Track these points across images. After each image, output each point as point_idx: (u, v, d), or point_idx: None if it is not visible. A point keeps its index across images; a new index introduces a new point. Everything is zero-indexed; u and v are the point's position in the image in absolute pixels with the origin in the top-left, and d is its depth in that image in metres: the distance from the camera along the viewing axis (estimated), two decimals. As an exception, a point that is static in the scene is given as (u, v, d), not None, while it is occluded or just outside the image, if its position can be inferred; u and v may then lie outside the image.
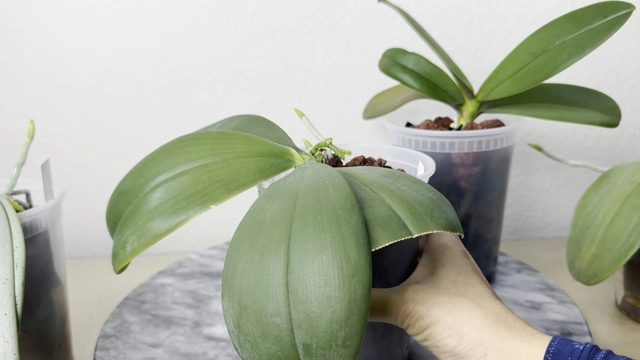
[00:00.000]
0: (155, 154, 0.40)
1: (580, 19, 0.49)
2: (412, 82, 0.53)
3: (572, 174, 0.76)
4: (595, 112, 0.51)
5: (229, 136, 0.40)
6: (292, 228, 0.31)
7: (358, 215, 0.31)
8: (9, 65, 0.68)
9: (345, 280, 0.28)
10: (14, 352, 0.32)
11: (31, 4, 0.67)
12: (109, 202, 0.41)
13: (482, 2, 0.70)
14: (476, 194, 0.52)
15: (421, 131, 0.51)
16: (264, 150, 0.39)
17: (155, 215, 0.36)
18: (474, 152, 0.51)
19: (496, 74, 0.53)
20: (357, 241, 0.29)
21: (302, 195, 0.33)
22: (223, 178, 0.37)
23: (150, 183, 0.38)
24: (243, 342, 0.30)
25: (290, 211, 0.32)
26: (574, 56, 0.47)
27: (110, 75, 0.69)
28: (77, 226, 0.74)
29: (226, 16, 0.69)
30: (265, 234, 0.31)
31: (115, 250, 0.37)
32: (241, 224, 0.34)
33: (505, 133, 0.52)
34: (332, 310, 0.28)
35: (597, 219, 0.48)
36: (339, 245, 0.29)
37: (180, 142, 0.40)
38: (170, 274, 0.61)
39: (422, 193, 0.34)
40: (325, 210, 0.31)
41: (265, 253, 0.30)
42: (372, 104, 0.65)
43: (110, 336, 0.49)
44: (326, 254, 0.29)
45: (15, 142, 0.70)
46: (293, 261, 0.29)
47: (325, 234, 0.29)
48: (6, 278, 0.34)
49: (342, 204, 0.31)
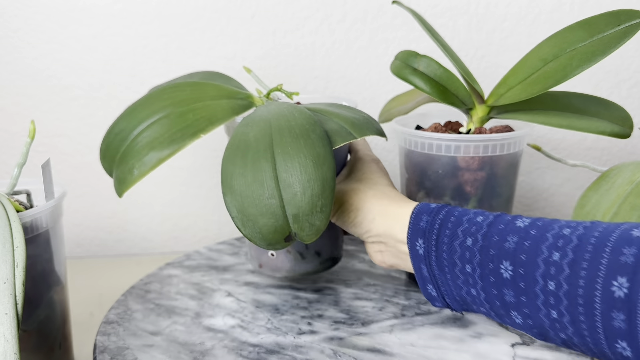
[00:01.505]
0: (143, 101, 0.48)
1: (593, 26, 0.48)
2: (422, 85, 0.52)
3: (571, 174, 0.76)
4: (606, 121, 0.50)
5: (202, 85, 0.50)
6: (272, 141, 0.42)
7: (320, 128, 0.44)
8: (9, 66, 0.68)
9: (318, 168, 0.41)
10: (14, 352, 0.32)
11: (31, 4, 0.67)
12: (104, 143, 0.47)
13: (482, 3, 0.70)
14: (481, 198, 0.52)
15: (426, 133, 0.51)
16: (231, 94, 0.51)
17: (155, 145, 0.44)
18: (479, 156, 0.50)
19: (506, 80, 0.53)
20: (323, 142, 0.43)
21: (274, 119, 0.45)
22: (205, 115, 0.46)
23: (143, 123, 0.46)
24: (246, 222, 0.41)
25: (268, 130, 0.43)
26: (584, 63, 0.46)
27: (111, 76, 0.70)
28: (77, 226, 0.74)
29: (226, 16, 0.69)
30: (252, 147, 0.42)
31: (121, 176, 0.44)
32: (229, 145, 0.43)
33: (511, 138, 0.51)
34: (311, 188, 0.41)
35: (596, 219, 0.48)
36: (310, 146, 0.42)
37: (163, 91, 0.48)
38: (177, 265, 0.63)
39: (358, 114, 0.48)
40: (295, 126, 0.43)
41: (255, 159, 0.41)
42: (387, 107, 0.65)
43: (113, 322, 0.50)
44: (303, 153, 0.41)
45: (16, 142, 0.71)
46: (278, 161, 0.41)
47: (299, 140, 0.42)
48: (7, 277, 0.34)
49: (307, 121, 0.44)
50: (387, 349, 0.45)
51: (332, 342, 0.46)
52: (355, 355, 0.44)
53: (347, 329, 0.48)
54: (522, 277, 0.36)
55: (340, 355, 0.44)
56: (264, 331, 0.48)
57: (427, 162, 0.52)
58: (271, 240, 0.42)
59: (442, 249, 0.41)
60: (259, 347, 0.46)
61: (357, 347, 0.45)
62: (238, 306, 0.53)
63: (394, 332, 0.47)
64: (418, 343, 0.45)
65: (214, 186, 0.74)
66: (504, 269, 0.37)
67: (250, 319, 0.50)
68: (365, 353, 0.44)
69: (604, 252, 0.33)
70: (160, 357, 0.45)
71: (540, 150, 0.58)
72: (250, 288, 0.57)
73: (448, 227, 0.41)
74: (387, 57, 0.71)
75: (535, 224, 0.37)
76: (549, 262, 0.35)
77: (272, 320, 0.50)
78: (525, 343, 0.45)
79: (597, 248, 0.33)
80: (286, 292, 0.56)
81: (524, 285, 0.36)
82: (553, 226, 0.36)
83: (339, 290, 0.56)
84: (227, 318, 0.51)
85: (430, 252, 0.42)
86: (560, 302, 0.34)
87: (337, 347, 0.45)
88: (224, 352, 0.45)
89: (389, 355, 0.44)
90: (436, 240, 0.41)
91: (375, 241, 0.46)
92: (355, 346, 0.45)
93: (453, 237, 0.40)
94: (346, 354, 0.44)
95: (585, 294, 0.33)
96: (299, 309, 0.52)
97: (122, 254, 0.75)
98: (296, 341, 0.46)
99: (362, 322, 0.49)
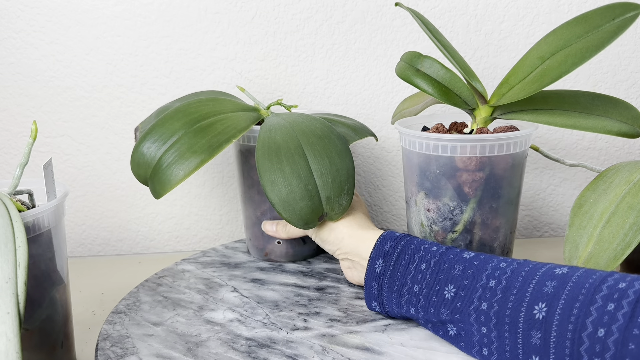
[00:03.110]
0: (172, 114, 0.54)
1: (590, 20, 0.48)
2: (425, 86, 0.52)
3: (569, 174, 0.76)
4: (614, 120, 0.49)
5: (220, 100, 0.58)
6: (300, 141, 0.52)
7: (335, 130, 0.55)
8: (12, 67, 0.69)
9: (342, 160, 0.52)
10: (16, 351, 0.32)
11: (33, 5, 0.67)
12: (137, 154, 0.52)
13: (480, 4, 0.70)
14: (480, 200, 0.51)
15: (424, 134, 0.51)
16: (244, 107, 0.59)
17: (197, 149, 0.51)
18: (477, 156, 0.50)
19: (508, 79, 0.52)
20: (341, 141, 0.54)
21: (293, 125, 0.54)
22: (232, 123, 0.54)
23: (178, 132, 0.52)
24: (286, 207, 0.50)
25: (292, 134, 0.53)
26: (579, 60, 0.46)
27: (113, 77, 0.70)
28: (79, 225, 0.74)
29: (227, 18, 0.70)
30: (284, 147, 0.51)
31: (163, 178, 0.50)
32: (260, 147, 0.52)
33: (511, 138, 0.50)
34: (339, 176, 0.52)
35: (594, 218, 0.48)
36: (333, 144, 0.53)
37: (189, 105, 0.55)
38: (192, 261, 0.65)
39: (354, 121, 0.63)
40: (315, 129, 0.54)
41: (288, 156, 0.51)
42: (399, 109, 0.65)
43: (121, 312, 0.52)
44: (329, 149, 0.52)
45: (18, 142, 0.71)
46: (309, 156, 0.51)
47: (323, 140, 0.53)
48: (9, 277, 0.34)
49: (323, 125, 0.55)
50: (376, 348, 0.45)
51: (324, 339, 0.47)
52: (343, 352, 0.45)
53: (340, 326, 0.49)
54: (461, 299, 0.43)
55: (328, 352, 0.45)
56: (260, 326, 0.49)
57: (426, 162, 0.52)
58: (308, 219, 0.51)
59: (399, 269, 0.47)
60: (251, 341, 0.46)
61: (347, 345, 0.46)
62: (240, 301, 0.54)
63: (387, 332, 0.48)
64: (409, 343, 0.46)
65: (216, 186, 0.75)
66: (447, 290, 0.44)
67: (249, 314, 0.51)
68: (353, 351, 0.45)
69: (531, 283, 0.40)
70: (157, 346, 0.46)
71: (538, 151, 0.58)
72: (255, 285, 0.58)
73: (407, 252, 0.48)
74: (386, 58, 0.72)
75: (478, 256, 0.44)
76: (486, 287, 0.42)
77: (269, 315, 0.51)
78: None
79: (525, 279, 0.40)
80: (289, 289, 0.56)
81: (460, 305, 0.42)
82: (492, 260, 0.44)
83: (341, 290, 0.56)
84: (228, 312, 0.52)
85: (386, 271, 0.48)
86: (490, 320, 0.40)
87: (327, 343, 0.46)
88: (217, 344, 0.46)
89: (377, 353, 0.44)
90: (395, 261, 0.48)
91: (344, 258, 0.54)
92: (345, 344, 0.46)
93: (410, 261, 0.47)
94: (334, 351, 0.45)
95: (512, 314, 0.39)
96: (298, 306, 0.53)
97: (123, 253, 0.75)
98: (288, 336, 0.47)
99: (357, 320, 0.50)
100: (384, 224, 0.78)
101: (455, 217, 0.52)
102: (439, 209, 0.53)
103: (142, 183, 0.54)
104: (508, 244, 0.55)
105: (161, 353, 0.45)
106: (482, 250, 0.53)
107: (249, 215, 0.64)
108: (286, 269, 0.62)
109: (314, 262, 0.63)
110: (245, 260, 0.64)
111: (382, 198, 0.77)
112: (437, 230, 0.53)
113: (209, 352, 0.45)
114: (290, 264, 0.63)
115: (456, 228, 0.53)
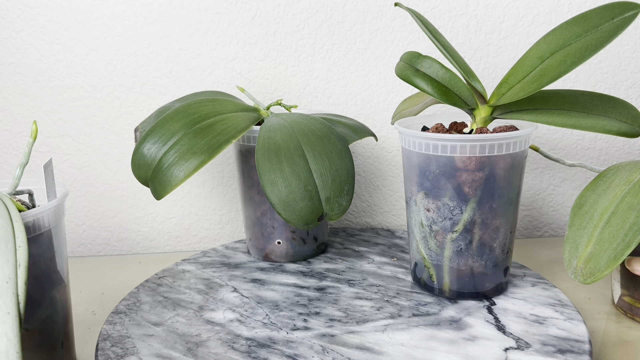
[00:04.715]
0: (172, 115, 0.54)
1: (589, 20, 0.48)
2: (425, 86, 0.52)
3: (569, 174, 0.76)
4: (614, 120, 0.49)
5: (219, 100, 0.58)
6: (300, 142, 0.52)
7: (335, 131, 0.55)
8: (12, 67, 0.69)
9: (342, 160, 0.53)
10: (16, 351, 0.32)
11: (34, 5, 0.67)
12: (137, 156, 0.52)
13: (480, 4, 0.71)
14: (480, 200, 0.51)
15: (423, 133, 0.51)
16: (243, 107, 0.59)
17: (196, 150, 0.51)
18: (477, 156, 0.50)
19: (507, 79, 0.52)
20: (341, 141, 0.54)
21: (292, 125, 0.54)
22: (232, 124, 0.54)
23: (178, 133, 0.52)
24: (286, 207, 0.50)
25: (292, 134, 0.53)
26: (578, 59, 0.46)
27: (113, 77, 0.70)
28: (79, 225, 0.74)
29: (227, 18, 0.70)
30: (283, 148, 0.52)
31: (164, 179, 0.51)
32: (259, 148, 0.52)
33: (511, 138, 0.50)
34: (339, 176, 0.52)
35: (594, 218, 0.48)
36: (333, 144, 0.54)
37: (189, 106, 0.55)
38: (192, 262, 0.65)
39: (354, 122, 0.63)
40: (315, 130, 0.54)
41: (288, 157, 0.51)
42: (399, 109, 0.65)
43: (121, 312, 0.52)
44: (328, 149, 0.53)
45: (18, 142, 0.71)
46: (309, 157, 0.52)
47: (323, 140, 0.53)
48: (9, 277, 0.34)
49: (323, 125, 0.55)
50: (376, 347, 0.45)
51: (323, 339, 0.47)
52: (343, 352, 0.45)
53: (340, 326, 0.49)
54: None
55: (328, 352, 0.45)
56: (260, 326, 0.49)
57: (426, 162, 0.52)
58: (308, 220, 0.51)
59: None
60: (251, 341, 0.47)
61: (346, 345, 0.46)
62: (240, 301, 0.54)
63: (387, 332, 0.48)
64: (409, 343, 0.46)
65: (216, 186, 0.75)
66: None
67: (249, 314, 0.51)
68: (353, 350, 0.45)
69: None
70: (157, 346, 0.46)
71: (538, 151, 0.58)
72: (256, 285, 0.58)
73: None
74: (386, 58, 0.72)
75: None
76: None
77: (269, 315, 0.51)
78: (520, 348, 0.45)
79: None
80: (289, 289, 0.56)
81: None
82: None
83: (342, 290, 0.56)
84: (228, 312, 0.52)
85: None
86: None
87: (327, 343, 0.46)
88: (217, 344, 0.46)
89: (376, 353, 0.44)
90: None
91: None
92: (345, 343, 0.46)
93: None
94: (334, 351, 0.45)
95: None
96: (298, 306, 0.53)
97: (124, 253, 0.76)
98: (288, 336, 0.47)
99: (357, 320, 0.50)
100: (384, 224, 0.78)
101: (455, 217, 0.52)
102: (438, 208, 0.53)
103: (143, 184, 0.54)
104: (508, 244, 0.55)
105: (161, 353, 0.45)
106: (482, 250, 0.54)
107: (249, 216, 0.64)
108: (286, 269, 0.62)
109: (314, 262, 0.64)
110: (246, 260, 0.64)
111: (382, 198, 0.77)
112: (437, 230, 0.53)
113: (209, 352, 0.45)
114: (290, 264, 0.63)
115: (456, 228, 0.53)
